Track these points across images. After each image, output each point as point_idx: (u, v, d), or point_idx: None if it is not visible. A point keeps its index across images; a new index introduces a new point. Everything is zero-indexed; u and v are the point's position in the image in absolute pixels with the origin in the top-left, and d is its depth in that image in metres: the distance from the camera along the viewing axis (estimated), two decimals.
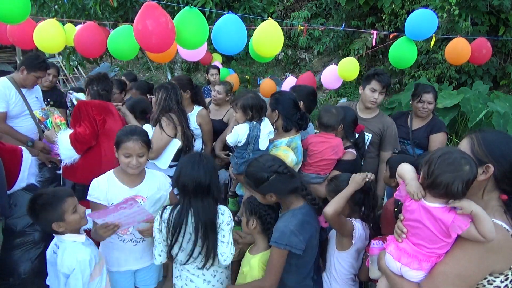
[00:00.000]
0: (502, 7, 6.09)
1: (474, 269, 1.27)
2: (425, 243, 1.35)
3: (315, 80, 4.48)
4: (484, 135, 1.39)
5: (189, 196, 1.93)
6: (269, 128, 2.49)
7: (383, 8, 7.49)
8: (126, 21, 5.45)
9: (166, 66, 7.94)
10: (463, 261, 1.28)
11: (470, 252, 1.28)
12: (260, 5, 6.33)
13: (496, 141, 1.36)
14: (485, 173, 1.33)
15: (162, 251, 2.02)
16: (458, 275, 1.28)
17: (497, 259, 1.27)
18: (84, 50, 3.42)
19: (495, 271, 1.29)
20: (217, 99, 3.83)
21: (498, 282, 1.30)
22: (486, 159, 1.33)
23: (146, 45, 2.52)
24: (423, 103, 3.15)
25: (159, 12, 2.46)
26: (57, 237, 1.92)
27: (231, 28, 2.78)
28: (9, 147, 2.47)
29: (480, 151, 1.35)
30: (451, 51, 3.78)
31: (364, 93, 3.04)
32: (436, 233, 1.32)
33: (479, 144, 1.36)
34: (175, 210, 1.95)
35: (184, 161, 2.04)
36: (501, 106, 5.23)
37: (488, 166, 1.33)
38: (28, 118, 3.50)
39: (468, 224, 1.26)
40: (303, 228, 1.88)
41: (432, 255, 1.36)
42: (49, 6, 5.57)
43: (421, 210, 1.35)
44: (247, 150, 2.45)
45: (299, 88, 3.16)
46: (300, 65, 9.65)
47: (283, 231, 1.85)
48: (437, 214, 1.31)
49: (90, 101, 2.91)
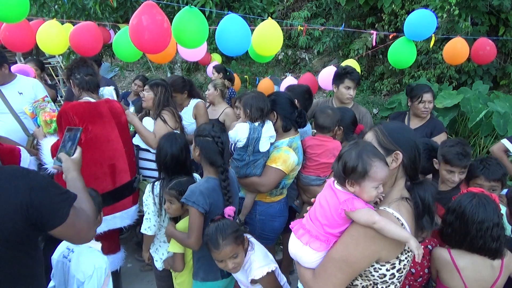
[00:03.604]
0: (502, 7, 6.08)
1: (359, 255, 1.31)
2: (320, 217, 1.39)
3: (316, 80, 4.49)
4: (385, 126, 1.45)
5: (171, 172, 2.29)
6: (271, 132, 2.48)
7: (383, 8, 7.48)
8: (126, 21, 5.45)
9: (166, 66, 7.94)
10: (350, 247, 1.32)
11: (357, 238, 1.32)
12: (260, 5, 6.33)
13: (397, 130, 1.43)
14: (395, 161, 1.38)
15: (156, 223, 2.35)
16: (345, 261, 1.32)
17: (383, 246, 1.31)
18: (80, 48, 3.41)
19: (381, 258, 1.33)
20: (208, 96, 3.92)
21: (384, 270, 1.34)
22: (393, 147, 1.38)
23: (139, 41, 2.50)
24: (424, 103, 3.14)
25: (156, 11, 2.46)
26: None
27: (235, 29, 2.78)
28: (7, 147, 2.46)
29: (386, 141, 1.40)
30: (449, 51, 3.78)
31: (339, 91, 3.28)
32: (332, 207, 1.36)
33: (383, 134, 1.41)
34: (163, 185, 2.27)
35: (162, 141, 2.38)
36: (501, 106, 5.22)
37: (397, 153, 1.38)
38: (8, 117, 3.09)
39: (355, 209, 1.29)
40: (212, 194, 2.04)
41: (321, 234, 1.38)
42: (49, 6, 5.58)
43: (329, 190, 1.40)
44: (247, 152, 2.45)
45: (293, 88, 3.20)
46: (300, 65, 9.64)
47: (193, 190, 2.03)
48: (337, 193, 1.36)
49: (73, 106, 2.57)
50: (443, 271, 1.87)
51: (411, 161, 1.39)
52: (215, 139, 2.08)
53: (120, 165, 2.73)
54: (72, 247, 1.87)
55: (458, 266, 1.82)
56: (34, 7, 5.43)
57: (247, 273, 1.92)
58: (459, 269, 1.82)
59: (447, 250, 1.90)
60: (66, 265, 1.83)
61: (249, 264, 1.92)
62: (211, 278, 2.15)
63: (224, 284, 2.21)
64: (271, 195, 2.59)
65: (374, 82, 8.28)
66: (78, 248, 1.85)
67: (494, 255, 1.79)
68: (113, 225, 2.71)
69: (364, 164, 1.29)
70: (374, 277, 1.36)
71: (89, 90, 2.67)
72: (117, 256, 2.91)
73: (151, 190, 2.35)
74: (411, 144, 1.39)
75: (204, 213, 2.01)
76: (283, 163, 2.43)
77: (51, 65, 8.65)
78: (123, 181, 2.76)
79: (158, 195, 2.32)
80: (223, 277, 2.17)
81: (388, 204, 1.37)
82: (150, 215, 2.35)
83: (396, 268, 1.35)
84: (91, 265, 1.79)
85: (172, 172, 2.32)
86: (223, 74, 4.98)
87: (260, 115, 2.44)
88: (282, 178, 2.48)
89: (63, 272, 1.84)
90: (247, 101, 2.47)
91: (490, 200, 1.82)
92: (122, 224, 2.78)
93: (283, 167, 2.43)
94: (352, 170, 1.30)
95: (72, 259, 1.82)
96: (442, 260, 1.88)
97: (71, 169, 1.58)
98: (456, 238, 1.84)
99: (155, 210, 2.34)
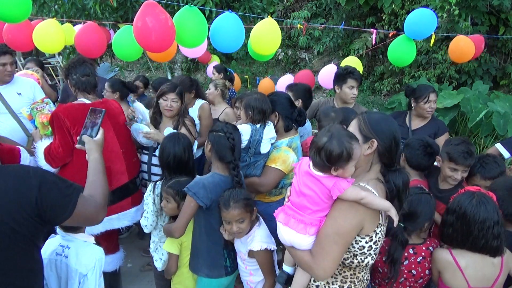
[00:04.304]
0: (502, 7, 6.08)
1: (348, 226, 1.44)
2: (311, 206, 1.49)
3: (313, 77, 4.50)
4: (369, 115, 1.57)
5: (173, 172, 2.30)
6: (272, 134, 2.48)
7: (383, 8, 7.48)
8: (126, 21, 5.46)
9: (166, 66, 7.94)
10: (339, 220, 1.45)
11: (344, 212, 1.45)
12: (260, 5, 6.33)
13: (378, 120, 1.54)
14: (370, 148, 1.51)
15: (152, 222, 2.35)
16: (337, 233, 1.44)
17: (366, 217, 1.45)
18: (85, 50, 3.41)
19: (363, 230, 1.47)
20: (208, 95, 3.89)
21: (363, 243, 1.48)
22: (371, 135, 1.51)
23: (146, 43, 2.51)
24: (430, 103, 3.11)
25: (159, 10, 2.46)
26: (67, 236, 1.90)
27: (228, 26, 2.78)
28: (7, 147, 2.45)
29: (365, 128, 1.53)
30: (455, 50, 3.77)
31: (343, 91, 3.22)
32: (320, 194, 1.46)
33: (364, 122, 1.54)
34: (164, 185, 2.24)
35: (165, 141, 2.37)
36: (501, 106, 5.22)
37: (373, 141, 1.51)
38: (8, 117, 3.07)
39: (343, 191, 1.41)
40: (216, 189, 2.03)
41: (316, 219, 1.49)
42: (49, 6, 5.58)
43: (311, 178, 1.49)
44: (248, 153, 2.45)
45: (296, 87, 3.20)
46: (300, 65, 9.65)
47: (197, 182, 2.04)
48: (321, 180, 1.46)
49: (65, 108, 2.50)
50: (446, 271, 1.87)
51: (387, 150, 1.52)
52: (227, 135, 2.10)
53: (116, 167, 2.68)
54: (66, 243, 1.89)
55: (460, 266, 1.83)
56: (34, 7, 5.43)
57: (247, 245, 2.03)
58: (461, 268, 1.82)
59: (448, 250, 1.90)
60: (61, 262, 1.85)
61: (252, 237, 2.04)
62: (215, 274, 2.16)
63: (227, 281, 2.21)
64: (270, 195, 2.58)
65: (374, 82, 8.29)
66: (73, 244, 1.88)
67: (495, 253, 1.80)
68: (109, 226, 2.68)
69: (348, 149, 1.40)
70: (354, 249, 1.50)
71: (85, 90, 2.61)
72: (116, 256, 2.90)
73: (152, 189, 2.34)
74: (389, 135, 1.52)
75: (204, 206, 2.00)
76: (283, 163, 2.43)
77: (51, 65, 8.65)
78: (120, 183, 2.71)
79: (159, 194, 2.31)
80: (227, 275, 2.18)
81: (366, 182, 1.51)
82: (148, 214, 2.35)
83: (373, 241, 1.50)
84: (92, 257, 1.84)
85: (174, 172, 2.32)
86: (224, 74, 4.97)
87: (262, 117, 2.44)
88: (282, 178, 2.48)
89: (58, 269, 1.86)
90: (249, 103, 2.46)
91: (489, 198, 1.82)
92: (119, 225, 2.74)
93: (283, 167, 2.42)
94: (338, 158, 1.40)
95: (70, 254, 1.85)
96: (444, 260, 1.88)
97: (94, 150, 1.64)
98: (458, 238, 1.84)
99: (153, 210, 2.33)
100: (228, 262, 2.18)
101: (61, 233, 1.91)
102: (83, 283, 1.81)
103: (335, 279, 1.60)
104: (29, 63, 4.31)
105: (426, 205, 1.95)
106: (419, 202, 1.94)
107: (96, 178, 1.53)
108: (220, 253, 2.14)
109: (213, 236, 2.12)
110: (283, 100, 2.58)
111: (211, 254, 2.13)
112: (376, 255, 1.57)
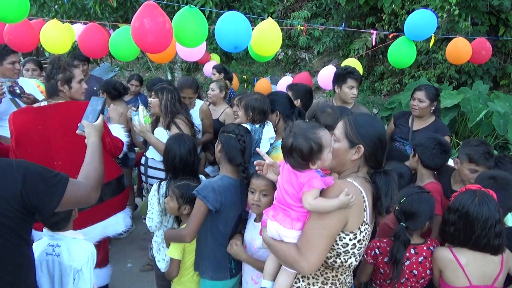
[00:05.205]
0: (502, 7, 6.08)
1: (335, 218, 1.43)
2: (293, 202, 1.51)
3: (311, 79, 4.50)
4: (355, 118, 1.55)
5: (178, 173, 2.30)
6: (271, 134, 2.48)
7: (383, 8, 7.47)
8: (126, 21, 5.45)
9: (166, 66, 7.94)
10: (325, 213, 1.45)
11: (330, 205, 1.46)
12: (260, 5, 6.33)
13: (364, 124, 1.53)
14: (357, 153, 1.52)
15: (157, 223, 2.35)
16: (323, 226, 1.44)
17: (350, 211, 1.44)
18: (88, 50, 3.42)
19: (347, 226, 1.46)
20: (211, 96, 3.88)
21: (347, 240, 1.47)
22: (357, 141, 1.51)
23: (142, 43, 2.50)
24: (414, 100, 3.19)
25: (158, 12, 2.45)
26: (55, 235, 1.91)
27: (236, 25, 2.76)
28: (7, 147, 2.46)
29: (351, 133, 1.52)
30: (452, 51, 3.78)
31: (342, 91, 3.20)
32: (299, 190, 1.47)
33: (350, 126, 1.53)
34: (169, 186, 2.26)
35: (171, 142, 2.38)
36: (501, 106, 5.22)
37: (360, 147, 1.51)
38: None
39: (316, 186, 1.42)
40: (225, 192, 2.02)
41: (301, 214, 1.51)
42: (49, 6, 5.58)
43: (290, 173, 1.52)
44: None
45: (296, 87, 3.20)
46: (300, 65, 9.64)
47: (206, 185, 2.03)
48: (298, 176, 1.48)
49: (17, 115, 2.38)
50: (447, 270, 1.87)
51: (373, 154, 1.52)
52: (238, 137, 2.09)
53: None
54: (55, 242, 1.91)
55: (462, 264, 1.83)
56: (34, 7, 5.43)
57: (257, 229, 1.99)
58: (462, 266, 1.82)
59: (448, 249, 1.90)
60: (53, 262, 1.86)
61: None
62: (220, 277, 2.14)
63: (232, 283, 2.20)
64: None
65: (374, 82, 8.28)
66: (63, 241, 1.90)
67: (497, 251, 1.80)
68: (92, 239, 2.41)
69: (315, 140, 1.41)
70: (338, 246, 1.48)
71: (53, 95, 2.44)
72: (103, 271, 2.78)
73: (157, 190, 2.34)
74: (374, 139, 1.51)
75: (213, 210, 1.99)
76: None
77: None
78: None
79: (164, 195, 2.31)
80: (232, 277, 2.16)
81: (354, 178, 1.52)
82: (153, 215, 2.34)
83: (357, 239, 1.48)
84: (84, 252, 1.88)
85: (180, 173, 2.33)
86: (224, 74, 4.97)
87: (263, 117, 2.44)
88: None
89: (50, 269, 1.87)
90: (250, 103, 2.46)
91: (490, 197, 1.82)
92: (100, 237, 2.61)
93: None
94: (310, 152, 1.41)
95: (62, 252, 1.86)
96: (445, 259, 1.88)
97: (92, 134, 1.68)
98: (460, 237, 1.84)
99: (159, 210, 2.33)
100: (233, 264, 2.16)
101: (48, 234, 1.93)
102: (78, 278, 1.83)
103: (316, 280, 1.58)
104: (28, 63, 4.30)
105: (426, 204, 1.95)
106: (419, 201, 1.95)
107: (91, 160, 1.58)
108: (225, 256, 2.12)
109: (219, 239, 2.10)
110: (283, 100, 2.58)
111: (216, 257, 2.11)
112: (360, 257, 1.56)
